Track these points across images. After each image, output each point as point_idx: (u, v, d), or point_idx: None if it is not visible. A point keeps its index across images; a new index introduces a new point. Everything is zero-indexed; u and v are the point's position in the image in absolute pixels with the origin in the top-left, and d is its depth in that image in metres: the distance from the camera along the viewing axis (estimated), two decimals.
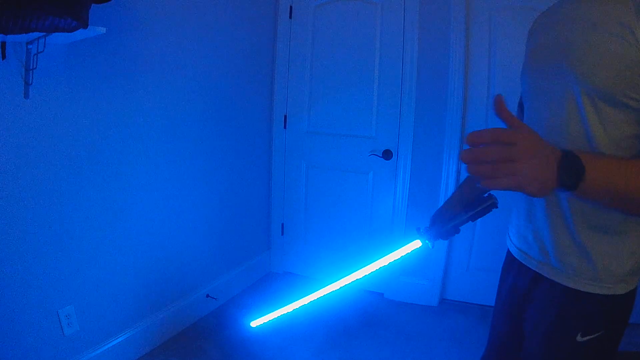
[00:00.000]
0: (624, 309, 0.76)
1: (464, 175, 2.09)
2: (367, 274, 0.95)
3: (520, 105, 0.92)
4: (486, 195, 0.81)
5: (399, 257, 0.91)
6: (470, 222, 0.83)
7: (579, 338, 0.74)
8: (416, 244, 0.89)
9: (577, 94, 0.67)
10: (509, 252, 0.93)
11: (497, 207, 0.80)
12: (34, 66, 1.22)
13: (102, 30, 1.23)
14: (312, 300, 1.02)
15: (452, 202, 0.92)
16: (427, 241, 0.88)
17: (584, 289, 0.73)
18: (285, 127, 2.53)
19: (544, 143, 0.53)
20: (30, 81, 1.23)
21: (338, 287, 0.99)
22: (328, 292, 1.00)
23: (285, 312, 1.07)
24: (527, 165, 0.49)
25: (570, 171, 0.53)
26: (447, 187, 2.21)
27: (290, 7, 2.40)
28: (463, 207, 0.82)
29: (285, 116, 2.52)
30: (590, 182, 0.53)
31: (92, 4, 1.15)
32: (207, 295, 2.14)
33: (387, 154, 2.27)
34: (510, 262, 0.92)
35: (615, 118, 0.65)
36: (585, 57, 0.65)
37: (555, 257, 0.76)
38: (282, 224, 2.67)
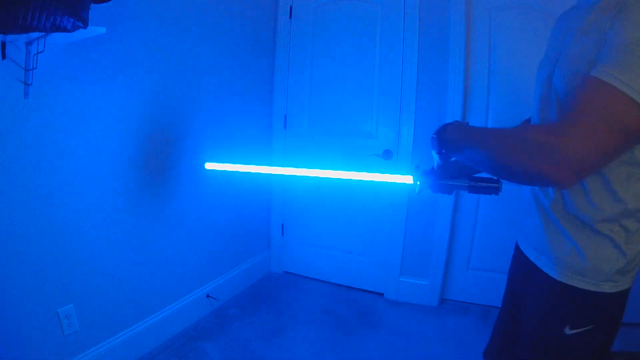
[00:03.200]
0: (614, 308, 0.76)
1: None
2: (346, 177, 1.02)
3: None
4: (495, 178, 0.81)
5: (385, 180, 0.94)
6: (466, 192, 0.83)
7: (567, 331, 0.75)
8: (407, 179, 0.89)
9: (561, 102, 0.71)
10: (516, 244, 0.97)
11: (497, 194, 0.80)
12: (34, 66, 1.22)
13: (102, 30, 1.24)
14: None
15: (462, 164, 0.92)
16: (417, 182, 0.86)
17: (572, 284, 0.74)
18: (285, 127, 2.53)
19: None
20: (30, 81, 1.23)
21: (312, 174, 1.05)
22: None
23: (241, 169, 1.13)
24: None
25: (440, 133, 0.78)
26: None
27: (290, 7, 2.40)
28: (467, 174, 0.83)
29: (285, 116, 2.52)
30: (453, 141, 0.74)
31: (92, 4, 1.15)
32: (207, 295, 2.14)
33: (387, 154, 2.27)
34: (516, 256, 0.96)
35: None
36: (566, 67, 0.69)
37: (549, 250, 0.79)
38: (282, 224, 2.67)
